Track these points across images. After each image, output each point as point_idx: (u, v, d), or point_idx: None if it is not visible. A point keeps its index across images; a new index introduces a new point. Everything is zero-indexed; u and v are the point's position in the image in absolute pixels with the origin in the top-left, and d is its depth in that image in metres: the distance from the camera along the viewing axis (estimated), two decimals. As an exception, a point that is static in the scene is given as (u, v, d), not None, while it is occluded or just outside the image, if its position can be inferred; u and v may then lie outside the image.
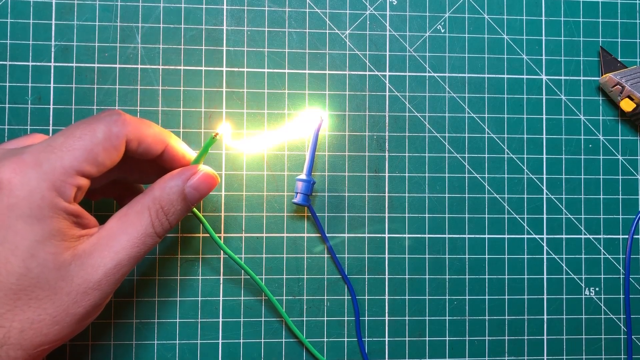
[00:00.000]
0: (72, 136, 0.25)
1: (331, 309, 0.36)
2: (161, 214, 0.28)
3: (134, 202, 0.28)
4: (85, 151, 0.25)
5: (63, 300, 0.25)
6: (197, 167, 0.29)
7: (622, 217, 0.37)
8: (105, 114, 0.27)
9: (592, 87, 0.38)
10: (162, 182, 0.28)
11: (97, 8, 0.35)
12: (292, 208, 0.36)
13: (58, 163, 0.24)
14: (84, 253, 0.26)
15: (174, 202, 0.28)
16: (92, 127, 0.26)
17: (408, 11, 0.37)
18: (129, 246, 0.27)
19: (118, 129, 0.26)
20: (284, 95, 0.36)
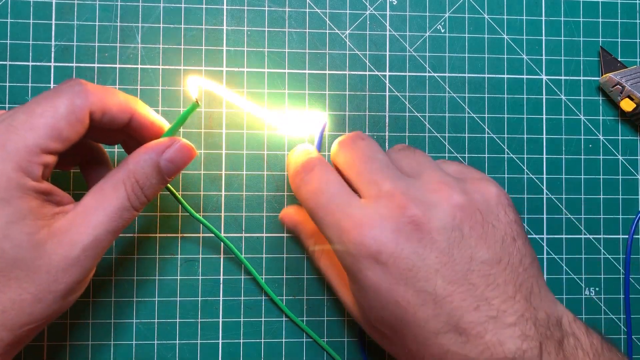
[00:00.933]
0: (34, 113, 0.25)
1: (331, 309, 0.36)
2: (137, 188, 0.27)
3: (108, 177, 0.27)
4: (48, 128, 0.25)
5: (43, 279, 0.25)
6: (173, 139, 0.28)
7: (622, 217, 0.37)
8: (67, 85, 0.26)
9: (592, 87, 0.38)
10: (136, 155, 0.28)
11: (97, 8, 0.35)
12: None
13: (21, 143, 0.24)
14: (60, 230, 0.25)
15: (149, 176, 0.27)
16: (53, 101, 0.25)
17: (408, 11, 0.37)
18: (106, 220, 0.26)
19: (81, 101, 0.25)
20: (284, 95, 0.36)
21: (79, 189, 0.35)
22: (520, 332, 0.24)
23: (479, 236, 0.26)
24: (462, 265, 0.25)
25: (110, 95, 0.27)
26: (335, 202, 0.27)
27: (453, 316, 0.24)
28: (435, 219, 0.26)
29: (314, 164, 0.29)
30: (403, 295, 0.25)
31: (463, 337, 0.24)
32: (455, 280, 0.25)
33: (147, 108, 0.29)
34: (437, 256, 0.25)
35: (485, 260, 0.25)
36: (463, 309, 0.24)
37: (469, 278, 0.25)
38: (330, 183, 0.28)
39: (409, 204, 0.26)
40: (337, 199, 0.27)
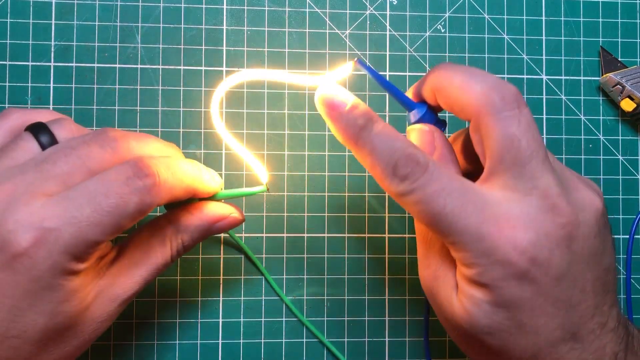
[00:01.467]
0: (100, 209, 0.23)
1: (331, 309, 0.36)
2: (180, 248, 0.28)
3: (155, 230, 0.27)
4: (113, 226, 0.24)
5: (86, 332, 0.25)
6: (228, 211, 0.29)
7: (622, 217, 0.37)
8: (139, 179, 0.24)
9: (592, 87, 0.38)
10: (189, 220, 0.28)
11: (97, 8, 0.35)
12: (292, 208, 0.36)
13: (81, 239, 0.23)
14: (105, 287, 0.26)
15: (195, 239, 0.28)
16: (124, 199, 0.23)
17: (408, 11, 0.37)
18: (146, 275, 0.27)
19: (151, 199, 0.24)
20: (284, 95, 0.36)
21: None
22: (617, 336, 0.24)
23: (605, 242, 0.24)
24: (593, 273, 0.24)
25: (178, 184, 0.26)
26: (471, 201, 0.23)
27: (575, 324, 0.23)
28: (583, 225, 0.23)
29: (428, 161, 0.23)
30: (542, 305, 0.23)
31: (579, 344, 0.24)
32: (585, 288, 0.24)
33: (205, 176, 0.28)
34: (580, 264, 0.23)
35: (607, 267, 0.24)
36: (584, 317, 0.24)
37: (595, 286, 0.24)
38: (456, 181, 0.23)
39: (563, 205, 0.23)
40: (474, 198, 0.23)
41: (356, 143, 0.25)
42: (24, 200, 0.23)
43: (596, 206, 0.24)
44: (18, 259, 0.22)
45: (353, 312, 0.36)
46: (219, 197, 0.29)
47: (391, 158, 0.24)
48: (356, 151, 0.25)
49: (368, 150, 0.24)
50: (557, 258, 0.23)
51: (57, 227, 0.23)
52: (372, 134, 0.24)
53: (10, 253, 0.22)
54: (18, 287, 0.23)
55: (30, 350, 0.24)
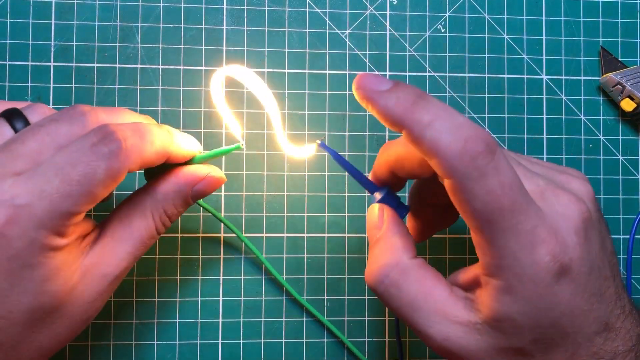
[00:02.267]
0: (69, 179, 0.23)
1: (331, 309, 0.36)
2: (164, 217, 0.27)
3: (134, 203, 0.27)
4: (85, 196, 0.23)
5: (75, 313, 0.25)
6: (205, 170, 0.28)
7: (622, 217, 0.37)
8: (104, 144, 0.24)
9: (592, 87, 0.38)
10: (165, 186, 0.27)
11: (96, 8, 0.35)
12: (292, 208, 0.36)
13: (56, 212, 0.23)
14: (91, 266, 0.25)
15: (177, 206, 0.28)
16: (91, 166, 0.23)
17: (408, 11, 0.37)
18: (133, 250, 0.26)
19: (119, 164, 0.24)
20: (284, 95, 0.36)
21: (78, 189, 0.35)
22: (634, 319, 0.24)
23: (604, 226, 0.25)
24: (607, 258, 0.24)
25: (147, 148, 0.25)
26: (531, 203, 0.22)
27: (605, 314, 0.23)
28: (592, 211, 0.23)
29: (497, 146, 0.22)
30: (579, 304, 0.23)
31: (612, 333, 0.23)
32: (606, 275, 0.23)
33: (179, 140, 0.28)
34: (598, 253, 0.23)
35: (611, 251, 0.25)
36: (611, 304, 0.24)
37: (612, 271, 0.24)
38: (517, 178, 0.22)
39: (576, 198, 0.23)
40: (530, 199, 0.22)
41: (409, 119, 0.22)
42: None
43: (592, 192, 0.24)
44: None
45: (353, 312, 0.36)
46: (195, 161, 0.29)
47: (461, 135, 0.21)
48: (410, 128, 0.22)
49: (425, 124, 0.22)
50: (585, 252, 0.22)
51: (28, 203, 0.22)
52: (430, 109, 0.22)
53: None
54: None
55: (19, 332, 0.24)
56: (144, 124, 0.26)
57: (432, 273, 0.25)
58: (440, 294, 0.24)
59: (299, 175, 0.36)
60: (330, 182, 0.36)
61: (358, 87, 0.23)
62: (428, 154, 0.22)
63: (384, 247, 0.26)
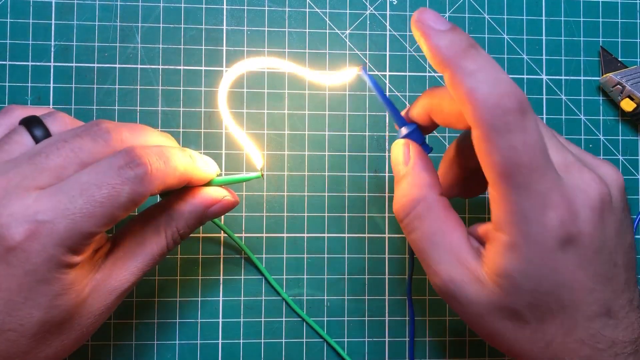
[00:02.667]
0: (93, 200, 0.23)
1: (331, 309, 0.36)
2: (176, 236, 0.28)
3: (148, 219, 0.27)
4: (106, 216, 0.24)
5: (84, 325, 0.26)
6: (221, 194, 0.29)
7: (622, 217, 0.37)
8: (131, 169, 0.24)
9: (592, 87, 0.38)
10: (182, 206, 0.28)
11: (97, 8, 0.35)
12: (292, 208, 0.36)
13: (76, 231, 0.23)
14: (101, 280, 0.26)
15: (191, 225, 0.28)
16: (116, 190, 0.23)
17: (408, 11, 0.37)
18: (143, 267, 0.27)
19: (143, 190, 0.24)
20: (284, 95, 0.36)
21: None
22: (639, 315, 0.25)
23: (628, 218, 0.25)
24: (622, 248, 0.25)
25: (171, 173, 0.26)
26: (550, 168, 0.23)
27: (609, 299, 0.24)
28: (614, 197, 0.24)
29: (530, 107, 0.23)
30: (582, 279, 0.23)
31: (613, 320, 0.24)
32: (617, 262, 0.24)
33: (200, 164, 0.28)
34: (612, 238, 0.24)
35: (631, 244, 0.25)
36: (617, 292, 0.24)
37: (624, 261, 0.25)
38: (543, 141, 0.23)
39: (598, 178, 0.24)
40: (551, 164, 0.23)
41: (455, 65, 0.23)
42: (17, 194, 0.23)
43: (621, 181, 0.25)
44: (12, 253, 0.22)
45: (353, 312, 0.36)
46: (214, 184, 0.29)
47: (498, 90, 0.22)
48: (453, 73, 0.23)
49: (468, 73, 0.22)
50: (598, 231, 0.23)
51: (51, 220, 0.23)
52: (477, 60, 0.23)
53: (4, 247, 0.22)
54: (13, 281, 0.23)
55: (28, 343, 0.24)
56: (168, 148, 0.27)
57: (454, 216, 0.26)
58: (457, 236, 0.25)
59: (298, 175, 0.36)
60: (330, 182, 0.36)
61: (416, 20, 0.24)
62: (463, 101, 0.22)
63: (412, 181, 0.27)
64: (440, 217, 0.26)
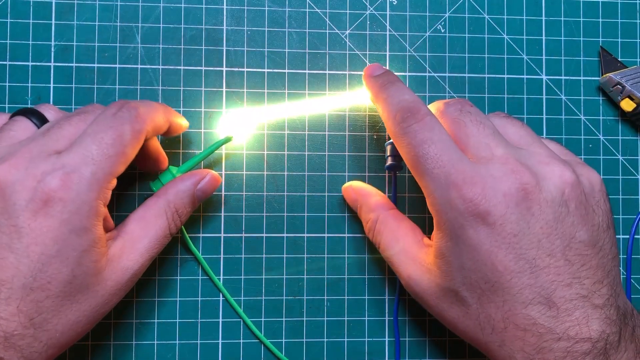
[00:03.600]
0: (105, 143, 0.26)
1: (331, 309, 0.36)
2: (175, 216, 0.30)
3: (149, 205, 0.30)
4: (119, 156, 0.27)
5: (97, 302, 0.27)
6: (205, 172, 0.32)
7: (622, 217, 0.37)
8: (123, 111, 0.28)
9: (592, 87, 0.38)
10: (174, 187, 0.31)
11: (97, 8, 0.35)
12: (292, 208, 0.36)
13: (100, 173, 0.26)
14: (114, 257, 0.28)
15: (186, 205, 0.31)
16: (119, 130, 0.27)
17: (408, 11, 0.37)
18: (150, 247, 0.29)
19: (139, 126, 0.28)
20: (284, 95, 0.36)
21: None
22: (605, 316, 0.25)
23: (581, 216, 0.26)
24: (563, 241, 0.26)
25: (155, 113, 0.29)
26: (447, 155, 0.27)
27: (546, 289, 0.25)
28: (546, 190, 0.26)
29: (426, 114, 0.28)
30: (502, 259, 0.25)
31: (553, 310, 0.25)
32: (555, 254, 0.26)
33: (175, 112, 0.32)
34: (542, 227, 0.26)
35: (583, 241, 0.26)
36: (557, 283, 0.25)
37: (566, 254, 0.26)
38: (442, 136, 0.27)
39: (523, 170, 0.26)
40: (450, 153, 0.27)
41: (377, 96, 0.31)
42: (42, 158, 0.26)
43: (564, 179, 0.27)
44: (50, 204, 0.25)
45: (353, 312, 0.36)
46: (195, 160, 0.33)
47: (398, 106, 0.29)
48: (376, 102, 0.31)
49: (383, 99, 0.30)
50: (515, 216, 0.26)
51: (77, 169, 0.25)
52: (389, 89, 0.30)
53: (43, 200, 0.25)
54: (49, 234, 0.25)
55: (52, 305, 0.25)
56: (147, 100, 0.33)
57: (406, 223, 0.32)
58: (410, 239, 0.30)
59: (299, 175, 0.36)
60: (330, 181, 0.36)
61: (364, 74, 0.33)
62: (383, 119, 0.30)
63: (365, 209, 0.33)
64: (393, 228, 0.31)
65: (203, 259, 0.35)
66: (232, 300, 0.35)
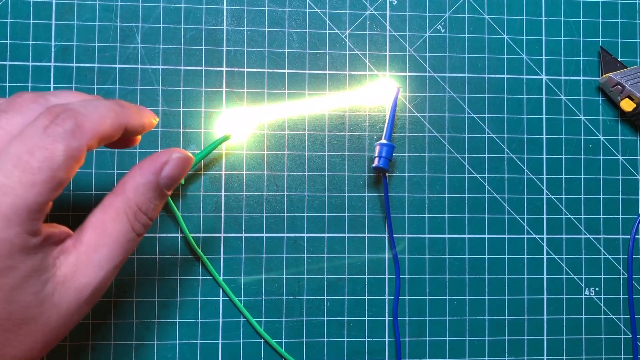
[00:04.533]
0: (29, 168, 0.21)
1: (331, 309, 0.36)
2: (140, 215, 0.25)
3: (106, 206, 0.25)
4: (48, 182, 0.21)
5: (52, 326, 0.24)
6: (168, 153, 0.26)
7: (622, 217, 0.37)
8: (58, 124, 0.22)
9: (592, 87, 0.38)
10: (132, 181, 0.25)
11: (97, 8, 0.35)
12: (292, 208, 0.36)
13: (21, 205, 0.21)
14: (66, 277, 0.23)
15: (151, 199, 0.25)
16: (48, 150, 0.22)
17: (408, 11, 0.37)
18: (111, 257, 0.24)
19: (77, 142, 0.22)
20: (284, 95, 0.36)
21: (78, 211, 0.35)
22: None
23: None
24: None
25: (103, 122, 0.24)
26: None
27: None
28: None
29: None
30: None
31: None
32: None
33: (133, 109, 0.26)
34: None
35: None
36: None
37: None
38: None
39: None
40: None
41: None
42: None
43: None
44: None
45: (353, 312, 0.36)
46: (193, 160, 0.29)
47: None
48: None
49: None
50: None
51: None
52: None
53: None
54: None
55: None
56: (92, 98, 0.25)
57: None
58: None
59: (299, 175, 0.36)
60: (330, 181, 0.36)
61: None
62: None
63: None
64: None
65: (206, 258, 0.35)
66: (235, 298, 0.35)
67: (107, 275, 0.24)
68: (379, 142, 0.35)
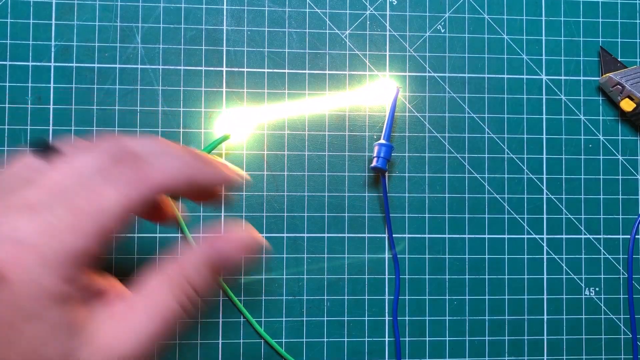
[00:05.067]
0: (81, 213, 0.19)
1: (331, 309, 0.36)
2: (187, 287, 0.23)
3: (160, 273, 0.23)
4: (98, 232, 0.20)
5: None
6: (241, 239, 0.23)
7: (622, 217, 0.37)
8: (120, 170, 0.20)
9: (592, 87, 0.38)
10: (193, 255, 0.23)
11: (97, 8, 0.35)
12: (292, 208, 0.36)
13: (66, 251, 0.19)
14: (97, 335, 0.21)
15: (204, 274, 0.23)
16: (103, 195, 0.20)
17: (408, 11, 0.37)
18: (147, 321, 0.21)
19: (137, 193, 0.20)
20: (284, 95, 0.36)
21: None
22: None
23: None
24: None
25: (170, 175, 0.21)
26: None
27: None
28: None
29: None
30: None
31: None
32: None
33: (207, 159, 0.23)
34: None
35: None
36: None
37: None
38: None
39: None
40: None
41: None
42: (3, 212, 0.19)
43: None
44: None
45: (353, 312, 0.36)
46: None
47: None
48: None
49: None
50: None
51: (34, 242, 0.19)
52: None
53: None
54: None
55: None
56: (163, 139, 0.23)
57: None
58: None
59: (299, 175, 0.36)
60: (330, 181, 0.36)
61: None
62: None
63: None
64: None
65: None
66: (235, 298, 0.35)
67: (137, 342, 0.21)
68: (378, 142, 0.35)
